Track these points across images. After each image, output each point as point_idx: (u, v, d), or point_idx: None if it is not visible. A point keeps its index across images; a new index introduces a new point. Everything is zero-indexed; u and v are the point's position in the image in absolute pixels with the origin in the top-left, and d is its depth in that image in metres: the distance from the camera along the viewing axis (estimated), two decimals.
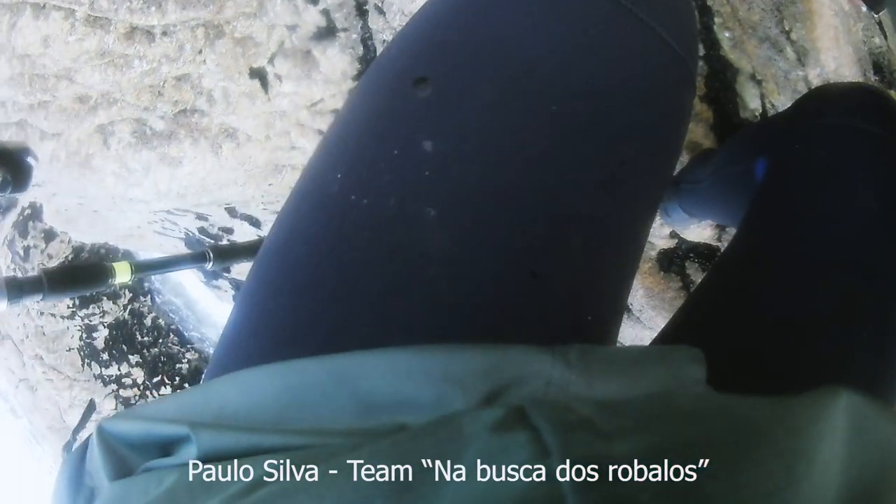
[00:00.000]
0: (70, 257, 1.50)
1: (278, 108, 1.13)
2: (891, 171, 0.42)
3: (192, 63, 1.12)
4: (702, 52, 0.95)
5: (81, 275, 0.64)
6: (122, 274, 0.67)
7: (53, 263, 1.65)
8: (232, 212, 1.41)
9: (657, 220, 1.05)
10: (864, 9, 0.89)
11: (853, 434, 0.21)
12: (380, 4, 1.04)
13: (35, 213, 1.43)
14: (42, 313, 1.65)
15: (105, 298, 1.65)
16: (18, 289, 0.58)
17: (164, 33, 1.06)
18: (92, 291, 0.66)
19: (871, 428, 0.22)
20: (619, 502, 0.16)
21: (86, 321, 1.69)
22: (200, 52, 1.11)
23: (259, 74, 1.13)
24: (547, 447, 0.17)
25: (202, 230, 1.42)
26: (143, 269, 0.73)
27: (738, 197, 0.58)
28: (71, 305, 1.60)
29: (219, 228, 1.44)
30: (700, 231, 1.08)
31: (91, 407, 1.45)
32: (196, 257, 0.82)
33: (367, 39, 1.06)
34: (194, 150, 1.21)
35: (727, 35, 0.93)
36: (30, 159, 0.59)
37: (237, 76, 1.11)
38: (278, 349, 0.27)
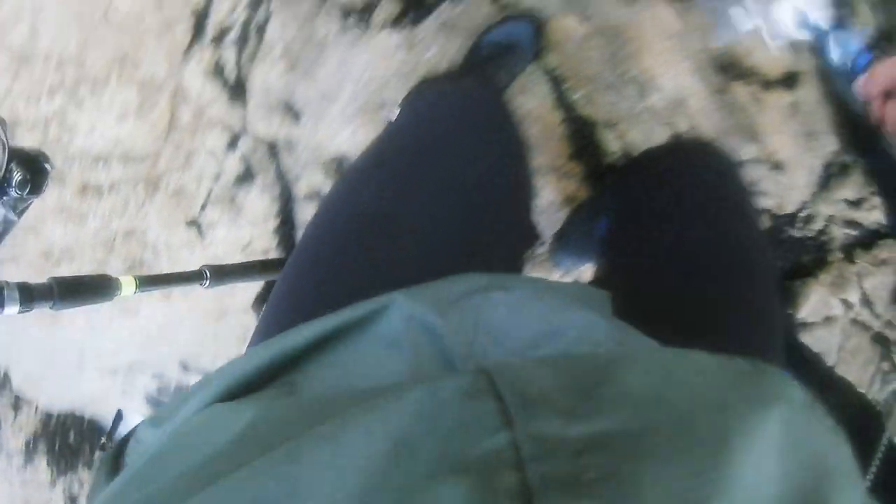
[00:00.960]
0: (39, 429, 1.58)
1: (214, 254, 1.27)
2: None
3: (136, 217, 1.31)
4: (561, 117, 1.05)
5: (90, 285, 0.70)
6: (128, 287, 0.74)
7: (23, 434, 1.74)
8: (186, 367, 1.47)
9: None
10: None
11: (789, 444, 0.22)
12: (288, 143, 1.22)
13: (5, 380, 1.55)
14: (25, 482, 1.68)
15: (83, 467, 1.68)
16: (30, 295, 0.64)
17: (111, 189, 1.27)
18: (100, 302, 0.71)
19: (807, 439, 0.23)
20: (567, 478, 0.18)
21: (68, 492, 1.70)
22: (143, 205, 1.30)
23: (194, 224, 1.30)
24: (511, 419, 0.20)
25: (161, 390, 1.48)
26: (146, 283, 0.78)
27: (594, 246, 0.71)
28: (51, 474, 1.63)
29: (175, 386, 1.49)
30: (590, 271, 1.07)
31: (119, 416, 1.40)
32: (193, 276, 0.87)
33: (281, 177, 1.23)
34: (148, 298, 1.34)
35: (578, 95, 1.04)
36: (47, 165, 0.67)
37: (175, 227, 1.28)
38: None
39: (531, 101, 1.03)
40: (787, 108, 1.12)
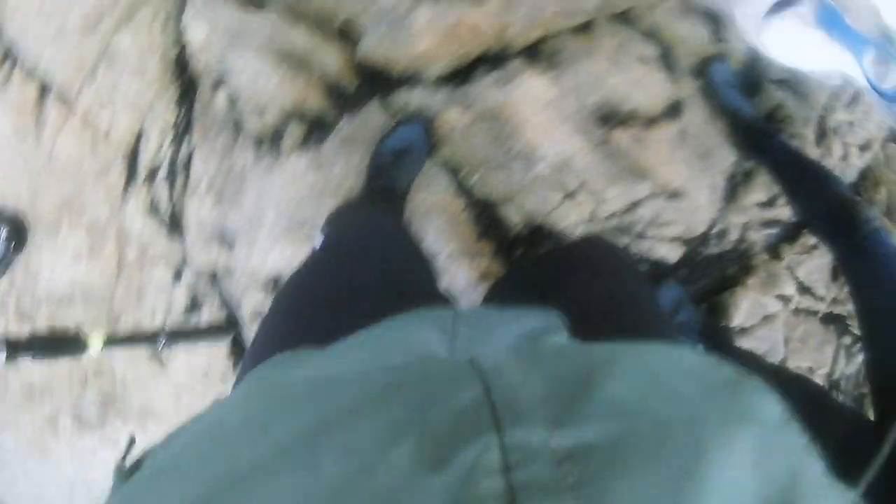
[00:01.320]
0: None
1: (178, 382, 1.35)
2: None
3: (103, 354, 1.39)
4: (463, 203, 1.15)
5: (64, 339, 0.80)
6: (96, 342, 0.87)
7: None
8: None
9: None
10: None
11: (764, 459, 0.24)
12: (227, 269, 1.31)
13: None
14: None
15: None
16: (15, 347, 0.74)
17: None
18: (73, 355, 0.83)
19: (782, 455, 0.25)
20: (549, 483, 0.20)
21: None
22: None
23: (155, 357, 1.38)
24: (502, 427, 0.23)
25: None
26: (112, 342, 0.92)
27: None
28: None
29: None
30: None
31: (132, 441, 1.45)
32: (150, 337, 1.01)
33: (225, 303, 1.32)
34: (125, 427, 1.41)
35: (474, 180, 1.14)
36: (25, 223, 0.77)
37: (139, 362, 1.36)
38: None
39: (434, 194, 1.13)
40: (674, 137, 1.23)
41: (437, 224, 1.14)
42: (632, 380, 0.27)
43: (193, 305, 1.33)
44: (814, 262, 1.50)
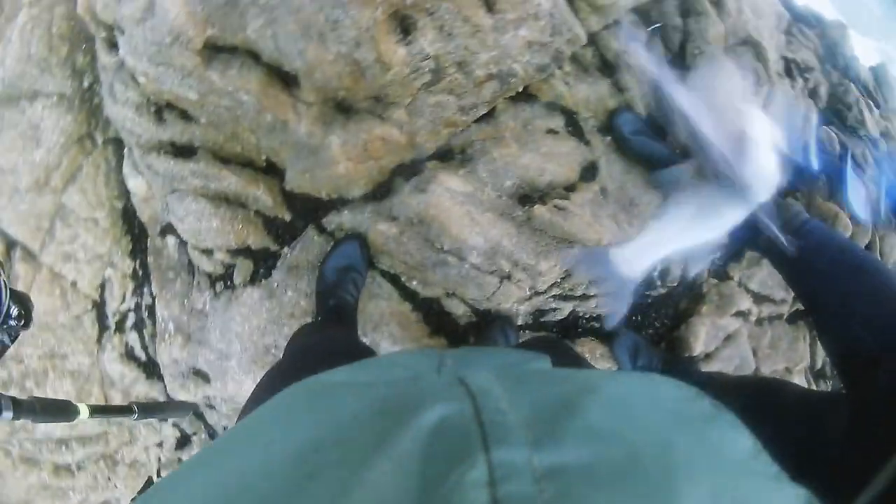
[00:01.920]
0: None
1: None
2: None
3: (108, 489, 1.47)
4: (409, 306, 1.23)
5: (58, 406, 0.97)
6: (84, 412, 1.03)
7: None
8: None
9: None
10: None
11: (728, 488, 0.26)
12: (207, 402, 1.40)
13: None
14: None
15: None
16: (21, 407, 0.87)
17: (79, 468, 1.44)
18: (65, 421, 1.02)
19: (748, 486, 0.28)
20: (528, 497, 0.23)
21: None
22: (109, 479, 1.46)
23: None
24: (489, 446, 0.26)
25: None
26: (95, 411, 1.08)
27: None
28: None
29: None
30: None
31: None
32: (124, 409, 1.19)
33: (212, 434, 1.40)
34: None
35: (415, 282, 1.23)
36: (30, 304, 0.88)
37: None
38: None
39: (381, 302, 1.22)
40: (595, 198, 1.31)
41: (389, 329, 1.23)
42: (609, 407, 0.30)
43: (184, 439, 1.41)
44: (764, 272, 1.58)
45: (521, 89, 1.27)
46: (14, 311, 0.86)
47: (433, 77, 1.19)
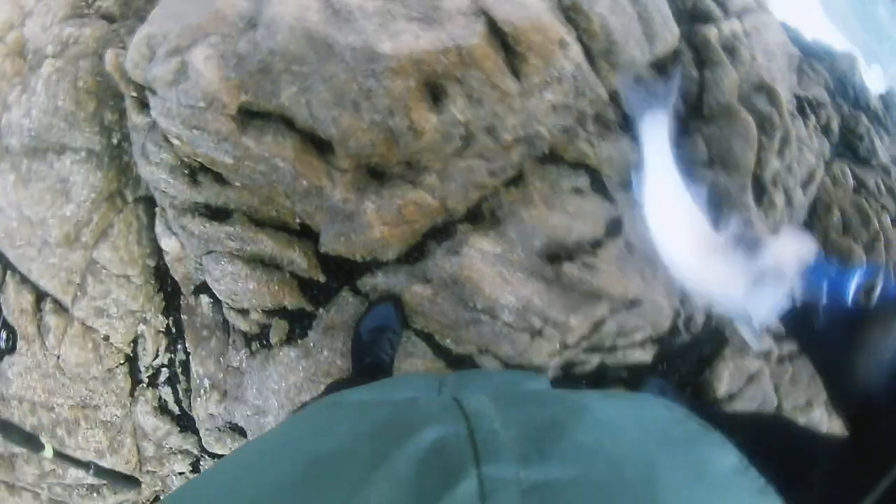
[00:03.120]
0: None
1: None
2: None
3: None
4: (443, 363, 1.29)
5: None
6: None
7: None
8: None
9: None
10: None
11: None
12: None
13: None
14: None
15: None
16: None
17: None
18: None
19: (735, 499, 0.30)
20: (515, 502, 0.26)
21: None
22: None
23: None
24: (480, 462, 0.29)
25: None
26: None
27: None
28: None
29: None
30: None
31: None
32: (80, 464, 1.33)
33: None
34: None
35: (448, 341, 1.30)
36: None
37: None
38: None
39: (416, 360, 1.28)
40: (620, 253, 1.38)
41: None
42: (597, 427, 0.32)
43: None
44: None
45: (547, 151, 1.34)
46: (3, 334, 0.94)
47: (463, 143, 1.26)
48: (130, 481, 1.73)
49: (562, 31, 1.28)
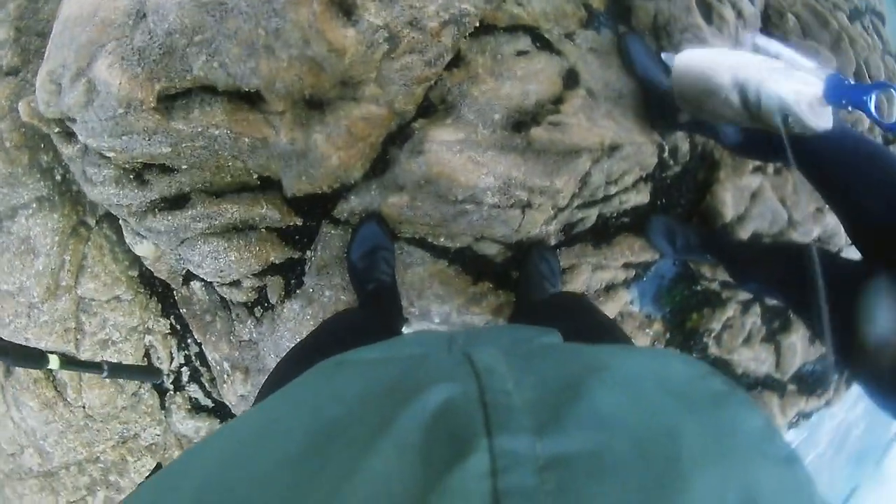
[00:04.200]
0: None
1: None
2: None
3: None
4: (445, 263, 1.28)
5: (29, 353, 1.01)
6: (54, 362, 1.09)
7: None
8: None
9: None
10: None
11: (740, 473, 0.27)
12: None
13: None
14: None
15: None
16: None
17: None
18: (34, 368, 1.17)
19: (760, 467, 0.28)
20: (530, 488, 0.24)
21: None
22: None
23: None
24: (492, 432, 0.26)
25: None
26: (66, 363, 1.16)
27: None
28: None
29: None
30: None
31: None
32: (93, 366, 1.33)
33: None
34: None
35: (442, 239, 1.27)
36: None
37: None
38: None
39: (417, 269, 1.27)
40: (584, 102, 1.35)
41: (433, 291, 1.28)
42: (616, 389, 0.30)
43: None
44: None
45: (477, 24, 1.29)
46: None
47: (390, 44, 1.22)
48: None
49: None
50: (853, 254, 1.00)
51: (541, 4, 1.36)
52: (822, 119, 0.94)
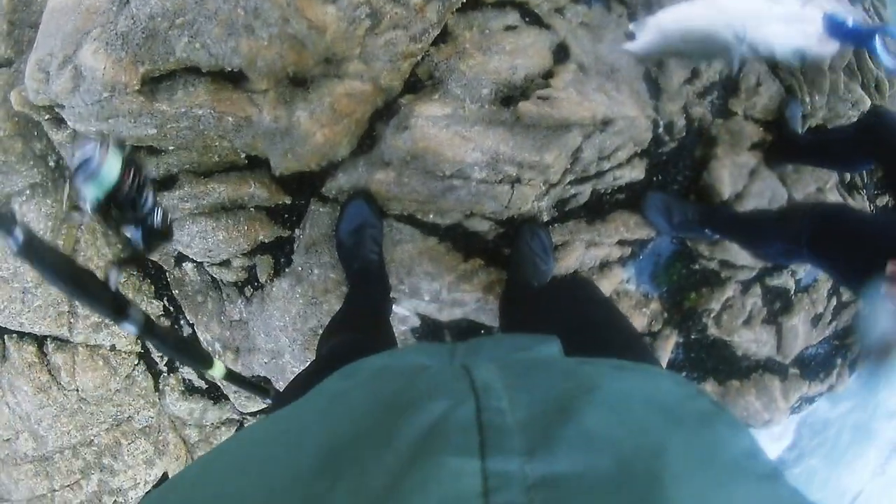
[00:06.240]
0: None
1: None
2: None
3: None
4: (436, 240, 1.29)
5: (195, 351, 0.90)
6: (219, 370, 0.94)
7: None
8: None
9: None
10: None
11: (724, 493, 0.29)
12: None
13: None
14: None
15: None
16: (151, 329, 0.76)
17: None
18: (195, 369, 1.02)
19: (744, 487, 0.30)
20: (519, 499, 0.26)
21: None
22: None
23: None
24: (486, 453, 0.28)
25: None
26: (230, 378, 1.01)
27: None
28: None
29: None
30: None
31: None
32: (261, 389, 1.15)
33: None
34: None
35: (431, 216, 1.28)
36: None
37: None
38: None
39: (406, 246, 1.29)
40: (575, 76, 1.35)
41: (423, 269, 1.30)
42: (606, 410, 0.32)
43: None
44: (766, 96, 1.61)
45: (465, 0, 1.30)
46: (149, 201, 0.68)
47: (372, 20, 1.23)
48: None
49: None
50: None
51: None
52: (829, 46, 1.01)
